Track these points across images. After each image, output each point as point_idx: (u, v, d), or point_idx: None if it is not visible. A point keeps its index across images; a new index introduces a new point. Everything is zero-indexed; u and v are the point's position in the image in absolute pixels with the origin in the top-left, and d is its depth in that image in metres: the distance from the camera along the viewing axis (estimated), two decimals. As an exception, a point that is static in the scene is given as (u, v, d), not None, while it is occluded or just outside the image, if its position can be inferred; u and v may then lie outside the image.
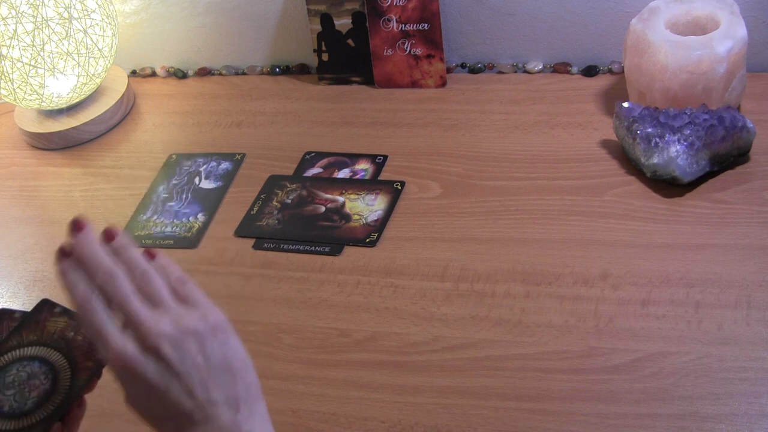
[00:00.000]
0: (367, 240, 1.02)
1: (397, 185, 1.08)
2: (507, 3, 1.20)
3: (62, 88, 1.23)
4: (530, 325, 0.88)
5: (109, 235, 0.66)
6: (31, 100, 1.23)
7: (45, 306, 0.81)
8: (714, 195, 0.98)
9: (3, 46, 1.17)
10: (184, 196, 1.14)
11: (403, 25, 1.21)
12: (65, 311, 0.81)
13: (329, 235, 1.03)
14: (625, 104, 1.03)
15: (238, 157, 1.19)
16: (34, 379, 0.77)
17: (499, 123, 1.15)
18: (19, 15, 1.16)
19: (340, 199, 1.08)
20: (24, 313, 0.83)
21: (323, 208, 1.07)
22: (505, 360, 0.86)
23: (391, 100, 1.23)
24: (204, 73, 1.38)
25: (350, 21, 1.24)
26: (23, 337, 0.80)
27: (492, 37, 1.24)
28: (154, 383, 0.61)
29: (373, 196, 1.07)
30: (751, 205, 0.96)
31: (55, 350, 0.79)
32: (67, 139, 1.28)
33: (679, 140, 0.98)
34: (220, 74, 1.37)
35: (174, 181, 1.17)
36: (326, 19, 1.25)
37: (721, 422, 0.77)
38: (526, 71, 1.23)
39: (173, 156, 1.21)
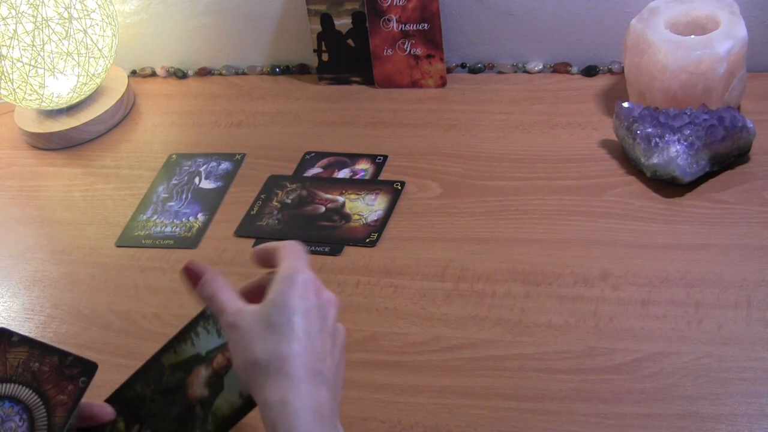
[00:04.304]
0: (367, 240, 1.02)
1: (397, 185, 1.08)
2: (507, 3, 1.20)
3: (62, 88, 1.23)
4: (530, 325, 0.88)
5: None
6: (31, 100, 1.23)
7: (2, 336, 0.74)
8: (714, 195, 0.98)
9: (3, 46, 1.17)
10: (184, 196, 1.14)
11: (403, 25, 1.21)
12: (24, 339, 0.74)
13: (329, 235, 1.03)
14: (625, 104, 1.03)
15: (238, 157, 1.18)
16: (8, 422, 0.71)
17: (499, 123, 1.15)
18: (19, 15, 1.16)
19: (340, 199, 1.08)
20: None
21: (323, 208, 1.07)
22: (505, 360, 0.86)
23: (391, 100, 1.23)
24: (204, 73, 1.38)
25: (350, 21, 1.24)
26: None
27: (492, 37, 1.24)
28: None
29: (373, 196, 1.07)
30: (751, 205, 0.96)
31: (23, 386, 0.73)
32: (67, 139, 1.28)
33: (679, 140, 0.97)
34: (220, 74, 1.37)
35: (174, 181, 1.17)
36: (326, 19, 1.25)
37: (721, 422, 0.77)
38: (526, 71, 1.23)
39: (173, 156, 1.21)
